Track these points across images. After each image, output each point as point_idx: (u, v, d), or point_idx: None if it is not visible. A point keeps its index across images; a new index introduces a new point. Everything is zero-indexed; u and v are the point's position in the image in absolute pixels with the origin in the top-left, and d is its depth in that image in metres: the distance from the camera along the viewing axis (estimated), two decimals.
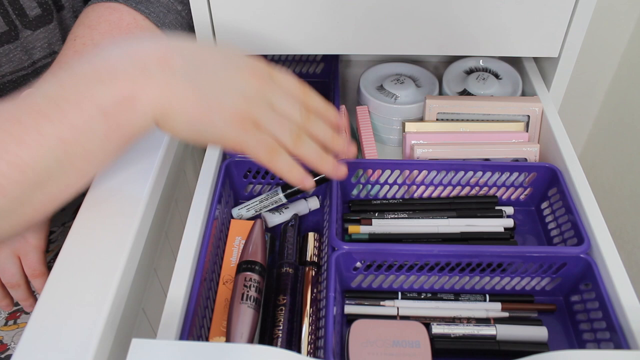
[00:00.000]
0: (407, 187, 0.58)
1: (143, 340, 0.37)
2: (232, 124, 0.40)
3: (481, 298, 0.51)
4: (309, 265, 0.53)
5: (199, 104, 0.39)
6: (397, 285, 0.52)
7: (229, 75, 0.41)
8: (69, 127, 0.38)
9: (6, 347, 0.65)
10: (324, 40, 0.61)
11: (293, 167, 0.42)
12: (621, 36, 0.99)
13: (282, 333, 0.47)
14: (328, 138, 0.44)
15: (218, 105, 0.40)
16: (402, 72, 0.71)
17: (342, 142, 0.45)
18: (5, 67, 0.58)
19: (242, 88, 0.41)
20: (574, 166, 0.54)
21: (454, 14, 0.58)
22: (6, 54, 0.57)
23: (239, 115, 0.40)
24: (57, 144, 0.38)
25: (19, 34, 0.57)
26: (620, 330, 0.43)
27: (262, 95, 0.41)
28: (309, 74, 0.78)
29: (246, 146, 0.41)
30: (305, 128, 0.43)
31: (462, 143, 0.60)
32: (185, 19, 0.61)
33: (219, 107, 0.40)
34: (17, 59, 0.58)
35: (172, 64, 0.39)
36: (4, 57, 0.57)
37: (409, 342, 0.45)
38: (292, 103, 0.43)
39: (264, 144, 0.41)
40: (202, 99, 0.39)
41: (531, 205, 0.59)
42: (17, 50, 0.58)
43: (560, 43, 0.60)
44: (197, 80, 0.40)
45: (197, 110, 0.39)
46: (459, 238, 0.53)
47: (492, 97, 0.65)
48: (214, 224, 0.51)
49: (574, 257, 0.48)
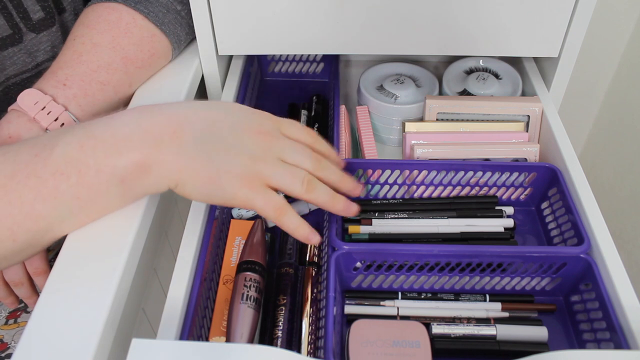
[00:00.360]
0: (407, 187, 0.58)
1: (143, 340, 0.37)
2: (240, 187, 0.42)
3: (481, 298, 0.51)
4: (309, 265, 0.53)
5: (208, 172, 0.42)
6: (397, 285, 0.52)
7: (237, 138, 0.44)
8: (86, 188, 0.41)
9: (6, 346, 0.65)
10: (324, 40, 0.61)
11: (299, 225, 0.44)
12: (621, 36, 0.99)
13: (282, 333, 0.47)
14: (338, 179, 0.47)
15: (227, 171, 0.42)
16: (402, 72, 0.71)
17: (351, 182, 0.48)
18: (9, 70, 0.58)
19: (250, 149, 0.43)
20: (574, 166, 0.54)
21: (454, 14, 0.58)
22: (10, 57, 0.57)
23: (247, 178, 0.43)
24: (73, 200, 0.41)
25: (23, 37, 0.57)
26: (620, 330, 0.43)
27: (271, 151, 0.44)
28: (309, 74, 0.78)
29: (255, 206, 0.43)
30: (316, 173, 0.46)
31: (462, 143, 0.60)
32: (185, 19, 0.61)
33: (227, 173, 0.42)
34: (21, 62, 0.59)
35: (183, 137, 0.42)
36: (8, 59, 0.57)
37: (409, 342, 0.45)
38: (302, 151, 0.45)
39: (271, 204, 0.43)
40: (210, 167, 0.42)
41: (531, 205, 0.59)
42: (21, 53, 0.58)
43: (560, 43, 0.61)
44: (206, 150, 0.42)
45: (207, 177, 0.42)
46: (459, 238, 0.53)
47: (492, 97, 0.65)
48: (214, 224, 0.51)
49: (574, 257, 0.48)
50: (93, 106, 0.54)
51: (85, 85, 0.53)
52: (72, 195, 0.41)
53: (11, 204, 0.39)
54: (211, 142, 0.43)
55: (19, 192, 0.39)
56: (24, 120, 0.50)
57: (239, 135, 0.44)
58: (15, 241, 0.41)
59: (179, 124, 0.43)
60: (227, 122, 0.44)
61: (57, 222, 0.42)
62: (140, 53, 0.57)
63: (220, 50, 0.63)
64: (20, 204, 0.40)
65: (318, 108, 0.70)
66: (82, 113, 0.53)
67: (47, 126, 0.50)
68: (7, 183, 0.40)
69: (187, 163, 0.42)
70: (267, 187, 0.43)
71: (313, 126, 0.68)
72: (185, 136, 0.42)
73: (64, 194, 0.40)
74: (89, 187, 0.41)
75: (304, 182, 0.44)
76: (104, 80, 0.54)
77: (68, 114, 0.51)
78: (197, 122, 0.43)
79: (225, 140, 0.43)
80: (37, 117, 0.50)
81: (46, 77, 0.53)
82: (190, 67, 0.61)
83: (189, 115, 0.44)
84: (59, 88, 0.52)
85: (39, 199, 0.40)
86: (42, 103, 0.50)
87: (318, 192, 0.45)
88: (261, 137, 0.44)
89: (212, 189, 0.43)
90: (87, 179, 0.41)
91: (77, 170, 0.40)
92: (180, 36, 0.61)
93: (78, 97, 0.52)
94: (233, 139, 0.43)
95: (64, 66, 0.53)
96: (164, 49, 0.59)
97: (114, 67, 0.55)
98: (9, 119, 0.51)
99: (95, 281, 0.41)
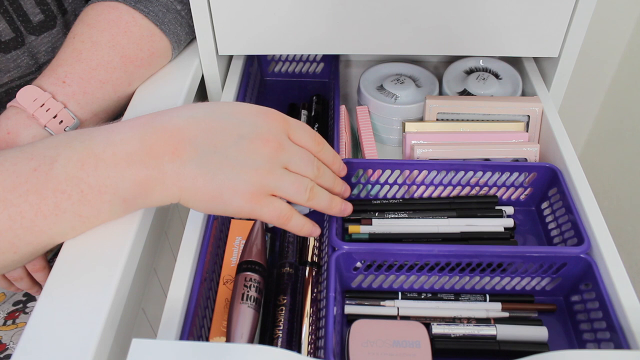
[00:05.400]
0: (407, 187, 0.58)
1: (143, 340, 0.37)
2: (245, 202, 0.43)
3: (481, 298, 0.51)
4: (309, 265, 0.53)
5: (211, 190, 0.42)
6: (397, 285, 0.52)
7: (240, 151, 0.43)
8: (89, 207, 0.41)
9: (5, 346, 0.65)
10: (324, 40, 0.60)
11: (304, 225, 0.46)
12: (621, 36, 0.99)
13: (282, 333, 0.47)
14: (332, 183, 0.49)
15: (230, 187, 0.42)
16: (402, 72, 0.71)
17: (342, 185, 0.51)
18: (13, 72, 0.58)
19: (256, 161, 0.43)
20: (574, 166, 0.54)
21: (454, 14, 0.58)
22: (14, 60, 0.58)
23: (252, 192, 0.43)
24: (75, 217, 0.41)
25: (25, 39, 0.57)
26: (620, 330, 0.43)
27: (277, 161, 0.44)
28: (309, 74, 0.78)
29: (260, 217, 0.44)
30: (317, 180, 0.47)
31: (462, 143, 0.60)
32: (185, 19, 0.61)
33: (231, 189, 0.42)
34: (25, 64, 0.59)
35: (185, 155, 0.42)
36: (12, 62, 0.57)
37: (409, 342, 0.45)
38: (307, 160, 0.46)
39: (276, 212, 0.44)
40: (213, 184, 0.42)
41: (531, 205, 0.59)
42: (24, 55, 0.58)
43: (560, 43, 0.60)
44: (210, 166, 0.42)
45: (210, 195, 0.42)
46: (459, 238, 0.53)
47: (492, 97, 0.65)
48: (214, 224, 0.50)
49: (574, 257, 0.48)
50: (92, 104, 0.54)
51: (84, 83, 0.53)
52: (74, 213, 0.41)
53: (11, 218, 0.39)
54: (214, 157, 0.42)
55: (19, 208, 0.39)
56: (23, 116, 0.50)
57: (244, 147, 0.43)
58: (17, 253, 0.41)
59: (180, 140, 0.42)
60: (232, 133, 0.43)
61: (59, 236, 0.42)
62: (140, 52, 0.57)
63: (220, 50, 0.62)
64: (20, 219, 0.39)
65: (318, 108, 0.70)
66: (81, 111, 0.53)
67: (45, 123, 0.50)
68: (7, 197, 0.39)
69: (189, 181, 0.42)
70: (271, 196, 0.44)
71: (313, 126, 0.68)
72: (187, 153, 0.42)
73: (66, 212, 0.40)
74: (91, 206, 0.41)
75: (307, 190, 0.45)
76: (103, 79, 0.54)
77: (67, 111, 0.51)
78: (200, 136, 0.42)
79: (230, 154, 0.42)
80: (36, 114, 0.50)
81: (45, 74, 0.53)
82: (190, 67, 0.61)
83: (191, 128, 0.43)
84: (59, 85, 0.52)
85: (40, 216, 0.40)
86: (41, 100, 0.50)
87: (319, 199, 0.46)
88: (268, 146, 0.43)
89: (215, 204, 0.43)
90: (89, 198, 0.40)
91: (79, 189, 0.40)
92: (180, 36, 0.61)
93: (77, 94, 0.52)
94: (238, 152, 0.43)
95: (64, 64, 0.53)
96: (163, 48, 0.59)
97: (113, 65, 0.55)
98: (8, 115, 0.51)
99: (95, 281, 0.41)
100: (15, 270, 0.54)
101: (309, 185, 0.45)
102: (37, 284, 0.57)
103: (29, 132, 0.50)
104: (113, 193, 0.41)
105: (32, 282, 0.56)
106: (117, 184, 0.41)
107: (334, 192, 0.49)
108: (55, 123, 0.51)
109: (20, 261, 0.42)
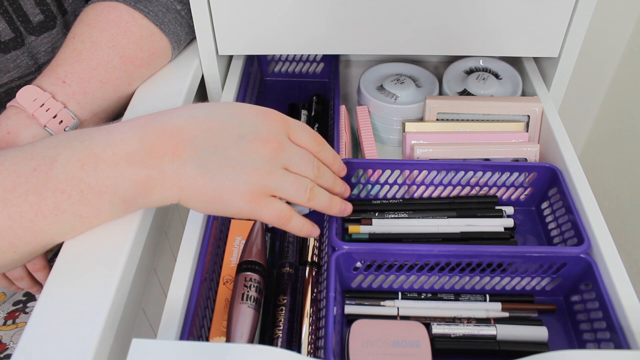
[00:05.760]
0: (407, 187, 0.58)
1: (143, 340, 0.37)
2: (245, 203, 0.43)
3: (481, 298, 0.51)
4: (309, 265, 0.53)
5: (211, 190, 0.42)
6: (397, 285, 0.52)
7: (240, 151, 0.43)
8: (88, 207, 0.41)
9: (5, 346, 0.65)
10: (324, 40, 0.60)
11: (303, 225, 0.46)
12: (621, 36, 0.99)
13: (282, 333, 0.47)
14: (332, 183, 0.49)
15: (230, 187, 0.42)
16: (402, 72, 0.71)
17: (342, 185, 0.50)
18: (13, 73, 0.58)
19: (256, 161, 0.43)
20: (574, 166, 0.54)
21: (454, 14, 0.58)
22: (14, 60, 0.58)
23: (252, 192, 0.42)
24: (75, 217, 0.41)
25: (24, 40, 0.57)
26: (620, 330, 0.43)
27: (277, 161, 0.44)
28: (309, 74, 0.78)
29: (260, 218, 0.44)
30: (317, 180, 0.47)
31: (462, 143, 0.60)
32: (185, 19, 0.61)
33: (231, 189, 0.42)
34: (24, 65, 0.59)
35: (185, 155, 0.41)
36: (12, 62, 0.57)
37: (409, 342, 0.45)
38: (307, 160, 0.46)
39: (276, 213, 0.44)
40: (213, 185, 0.42)
41: (531, 205, 0.59)
42: (24, 56, 0.58)
43: (560, 43, 0.60)
44: (209, 167, 0.42)
45: (210, 196, 0.42)
46: (459, 238, 0.53)
47: (492, 97, 0.65)
48: (214, 224, 0.50)
49: (574, 257, 0.48)
50: (92, 104, 0.54)
51: (84, 83, 0.53)
52: (74, 213, 0.41)
53: (11, 218, 0.39)
54: (215, 157, 0.42)
55: (19, 208, 0.39)
56: (23, 116, 0.50)
57: (244, 147, 0.43)
58: (16, 252, 0.41)
59: (180, 140, 0.42)
60: (232, 133, 0.43)
61: (58, 236, 0.42)
62: (140, 52, 0.57)
63: (220, 50, 0.62)
64: (20, 218, 0.39)
65: (318, 108, 0.70)
66: (81, 111, 0.53)
67: (45, 123, 0.50)
68: (7, 197, 0.39)
69: (189, 182, 0.42)
70: (271, 197, 0.44)
71: (313, 126, 0.68)
72: (187, 154, 0.42)
73: (66, 212, 0.40)
74: (91, 206, 0.41)
75: (307, 190, 0.45)
76: (103, 79, 0.54)
77: (67, 111, 0.51)
78: (200, 136, 0.42)
79: (230, 154, 0.42)
80: (35, 113, 0.50)
81: (45, 74, 0.53)
82: (190, 67, 0.61)
83: (192, 128, 0.43)
84: (58, 85, 0.52)
85: (40, 216, 0.40)
86: (41, 100, 0.50)
87: (319, 199, 0.46)
88: (268, 146, 0.43)
89: (215, 205, 0.43)
90: (89, 198, 0.40)
91: (79, 189, 0.40)
92: (180, 36, 0.61)
93: (77, 94, 0.52)
94: (238, 152, 0.43)
95: (64, 63, 0.53)
96: (163, 48, 0.59)
97: (113, 65, 0.55)
98: (8, 114, 0.51)
99: (95, 281, 0.41)
100: (16, 270, 0.54)
101: (309, 186, 0.45)
102: (37, 283, 0.57)
103: (28, 132, 0.50)
104: (113, 193, 0.41)
105: (33, 281, 0.56)
106: (117, 184, 0.41)
107: (334, 192, 0.49)
108: (55, 123, 0.51)
109: (19, 261, 0.42)
